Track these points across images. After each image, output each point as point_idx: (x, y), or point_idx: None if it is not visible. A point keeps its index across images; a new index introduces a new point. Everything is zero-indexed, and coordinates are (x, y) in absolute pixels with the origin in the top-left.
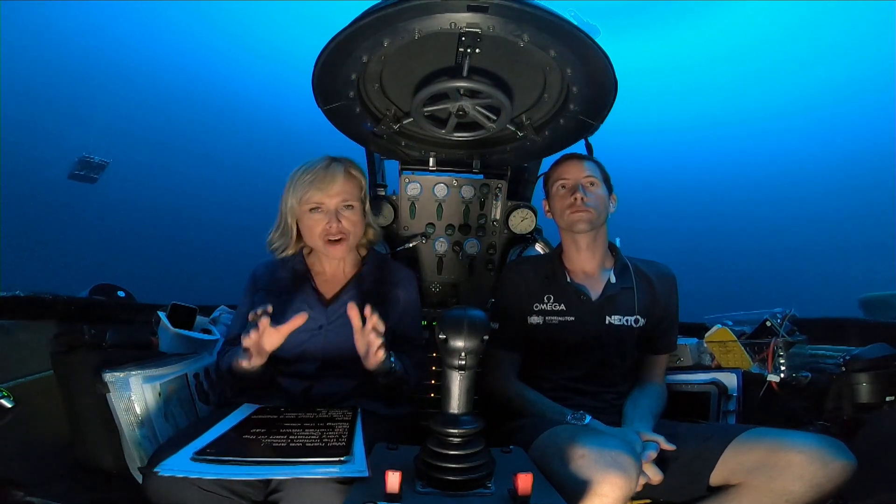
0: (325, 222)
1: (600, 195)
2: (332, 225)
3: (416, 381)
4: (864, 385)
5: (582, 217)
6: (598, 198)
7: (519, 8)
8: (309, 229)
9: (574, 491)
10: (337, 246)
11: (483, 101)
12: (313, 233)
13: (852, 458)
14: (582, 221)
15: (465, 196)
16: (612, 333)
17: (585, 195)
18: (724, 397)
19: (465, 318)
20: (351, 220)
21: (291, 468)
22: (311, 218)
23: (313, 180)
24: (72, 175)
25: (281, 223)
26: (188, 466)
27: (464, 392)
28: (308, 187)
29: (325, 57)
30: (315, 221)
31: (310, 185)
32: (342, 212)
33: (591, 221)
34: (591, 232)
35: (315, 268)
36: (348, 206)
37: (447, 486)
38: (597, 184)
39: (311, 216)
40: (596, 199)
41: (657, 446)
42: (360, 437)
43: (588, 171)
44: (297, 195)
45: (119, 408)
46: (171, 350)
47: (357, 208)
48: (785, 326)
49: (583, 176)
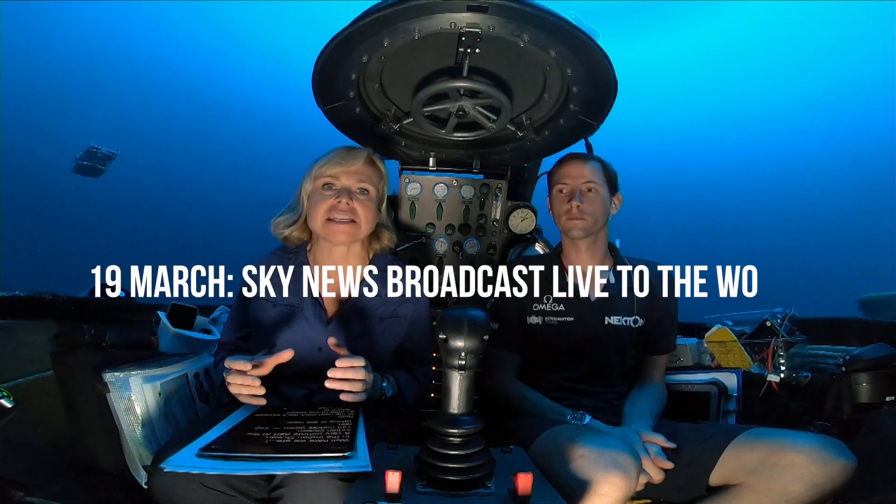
0: (333, 199)
1: (598, 200)
2: (342, 201)
3: (417, 398)
4: (864, 385)
5: (577, 225)
6: (596, 204)
7: (519, 8)
8: (315, 206)
9: (574, 491)
10: (341, 227)
11: (483, 101)
12: (319, 211)
13: (852, 458)
14: (576, 229)
15: (465, 196)
16: (612, 334)
17: (581, 202)
18: (724, 397)
19: (465, 318)
20: (364, 205)
21: (295, 463)
22: (322, 195)
23: (334, 156)
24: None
25: (294, 200)
26: (193, 462)
27: (464, 392)
28: (326, 161)
29: (326, 57)
30: (324, 198)
31: (328, 158)
32: (357, 195)
33: (587, 229)
34: (590, 236)
35: (316, 265)
36: (364, 191)
37: (447, 486)
38: (596, 188)
39: (321, 193)
40: (593, 205)
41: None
42: (362, 433)
43: (588, 174)
44: (313, 170)
45: (119, 408)
46: (171, 350)
47: (373, 196)
48: (785, 326)
49: (581, 182)
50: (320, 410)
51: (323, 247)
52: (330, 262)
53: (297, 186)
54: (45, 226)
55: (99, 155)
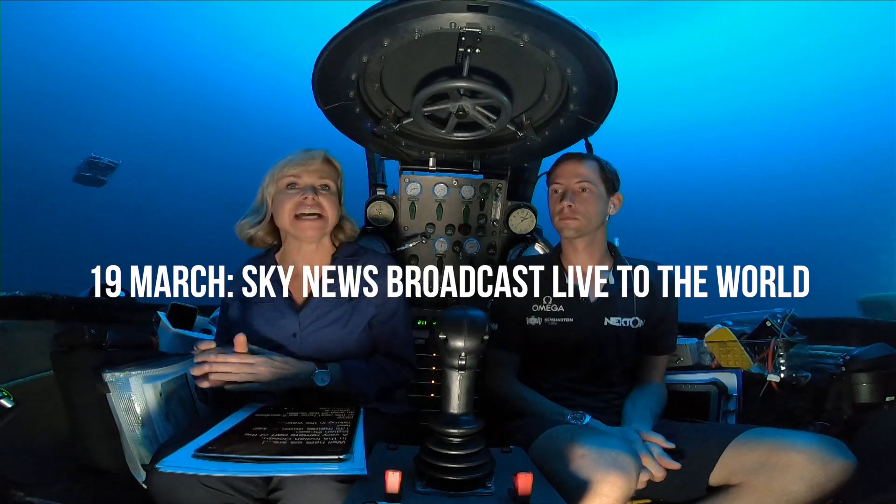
0: (299, 196)
1: (592, 200)
2: (308, 197)
3: (397, 380)
4: (864, 385)
5: (568, 225)
6: (589, 203)
7: (519, 8)
8: (281, 206)
9: (574, 491)
10: (309, 223)
11: (483, 101)
12: (285, 210)
13: (852, 458)
14: (568, 229)
15: (465, 196)
16: (611, 334)
17: (574, 202)
18: (724, 397)
19: (465, 319)
20: (328, 199)
21: (290, 466)
22: (286, 194)
23: (293, 158)
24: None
25: (256, 201)
26: (189, 463)
27: (464, 392)
28: (287, 163)
29: (326, 57)
30: (289, 197)
31: (288, 162)
32: (320, 190)
33: (579, 229)
34: (585, 236)
35: (286, 264)
36: (325, 187)
37: (447, 486)
38: (590, 188)
39: (286, 193)
40: (586, 205)
41: (669, 456)
42: (360, 435)
43: (582, 174)
44: (274, 172)
45: (119, 408)
46: (171, 350)
47: (335, 191)
48: (785, 326)
49: (574, 181)
50: (321, 411)
51: (292, 245)
52: (300, 260)
53: (259, 189)
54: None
55: (101, 165)
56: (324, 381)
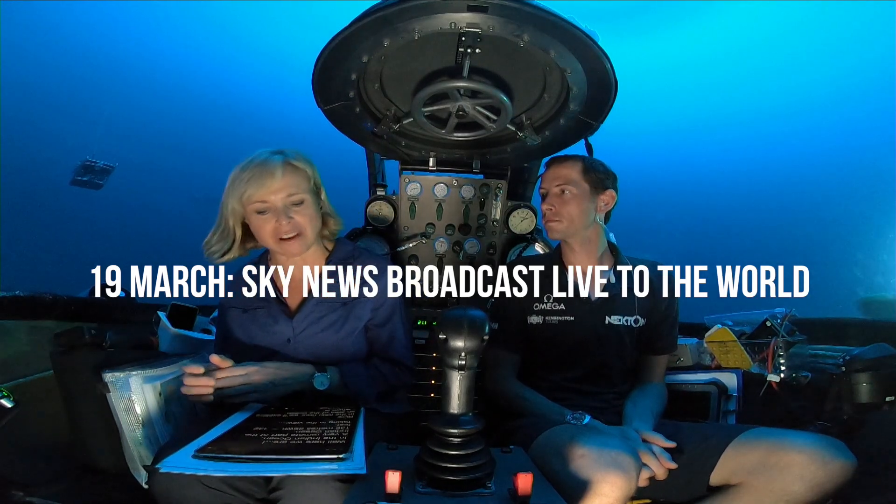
0: (274, 221)
1: (573, 201)
2: (282, 223)
3: (395, 384)
4: (864, 385)
5: (551, 227)
6: (571, 205)
7: (519, 8)
8: (259, 230)
9: (574, 491)
10: (292, 243)
11: (483, 101)
12: (264, 233)
13: (852, 458)
14: (551, 231)
15: (465, 196)
16: (612, 333)
17: (554, 206)
18: (724, 397)
19: (465, 318)
20: (303, 214)
21: (290, 465)
22: (260, 219)
23: (251, 178)
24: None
25: (221, 224)
26: (188, 463)
27: (464, 392)
28: (246, 186)
29: (326, 57)
30: (264, 221)
31: (248, 183)
32: (291, 208)
33: (561, 231)
34: (576, 236)
35: (279, 270)
36: (297, 203)
37: (447, 486)
38: (570, 189)
39: (259, 217)
40: (567, 206)
41: (670, 456)
42: (360, 435)
43: (563, 176)
44: (236, 195)
45: (119, 408)
46: (171, 350)
47: (308, 201)
48: (785, 326)
49: (555, 183)
50: (321, 411)
51: (281, 256)
52: (292, 263)
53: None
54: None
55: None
56: (323, 384)
